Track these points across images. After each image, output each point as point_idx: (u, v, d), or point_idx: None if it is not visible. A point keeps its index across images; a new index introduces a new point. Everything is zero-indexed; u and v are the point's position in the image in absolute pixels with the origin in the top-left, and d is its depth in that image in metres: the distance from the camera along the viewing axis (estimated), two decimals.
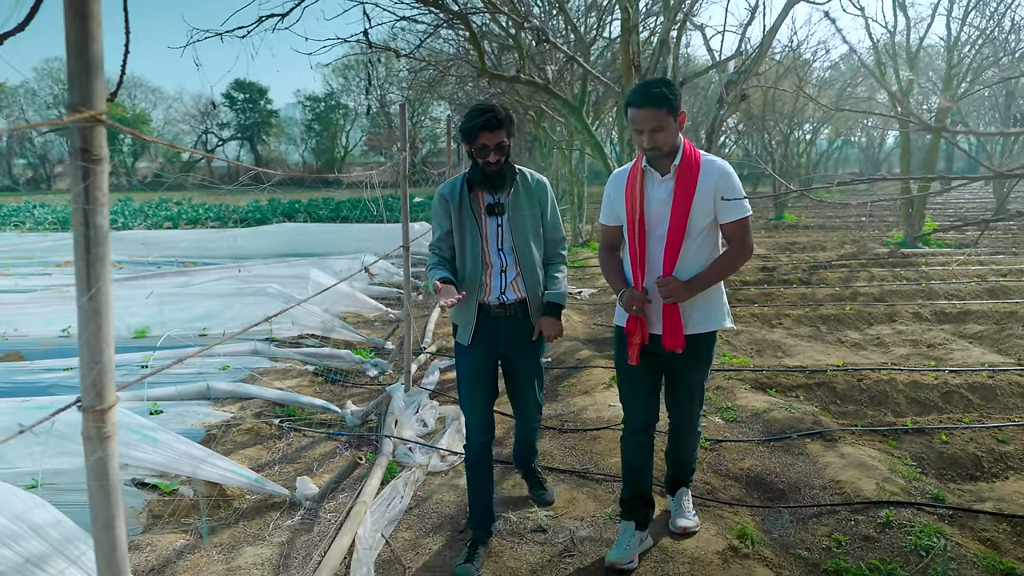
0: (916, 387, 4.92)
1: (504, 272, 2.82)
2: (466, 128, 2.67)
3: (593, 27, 11.35)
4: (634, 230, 2.68)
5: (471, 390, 2.88)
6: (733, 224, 2.65)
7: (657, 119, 2.50)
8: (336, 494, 3.48)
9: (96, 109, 1.39)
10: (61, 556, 2.38)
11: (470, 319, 2.81)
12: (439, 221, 2.83)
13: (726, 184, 2.60)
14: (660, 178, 2.65)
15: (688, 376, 2.84)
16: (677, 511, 3.08)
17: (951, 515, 3.15)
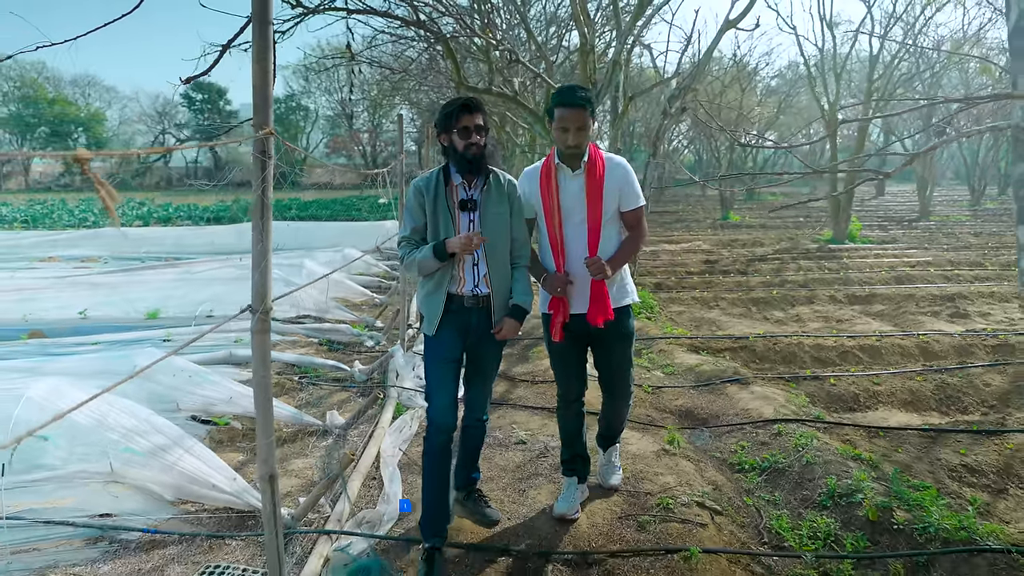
0: (819, 349, 6.05)
1: (476, 266, 2.84)
2: (447, 112, 2.73)
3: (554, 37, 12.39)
4: (553, 219, 2.96)
5: (439, 376, 2.85)
6: (632, 212, 3.03)
7: (582, 119, 2.84)
8: (357, 425, 4.39)
9: (270, 128, 2.31)
10: (177, 447, 3.25)
11: (438, 309, 2.82)
12: (413, 215, 2.82)
13: (628, 178, 3.00)
14: (571, 173, 2.96)
15: (616, 346, 3.10)
16: (607, 467, 3.47)
17: (824, 427, 4.23)
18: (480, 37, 6.21)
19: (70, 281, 8.75)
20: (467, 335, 2.87)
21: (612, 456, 3.49)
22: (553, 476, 3.62)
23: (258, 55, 2.21)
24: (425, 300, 2.86)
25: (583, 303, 2.97)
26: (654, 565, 2.79)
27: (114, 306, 7.55)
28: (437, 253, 2.72)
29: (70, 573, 2.79)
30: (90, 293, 8.07)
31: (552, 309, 3.02)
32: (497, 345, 2.97)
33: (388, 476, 3.59)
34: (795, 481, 3.57)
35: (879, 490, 3.30)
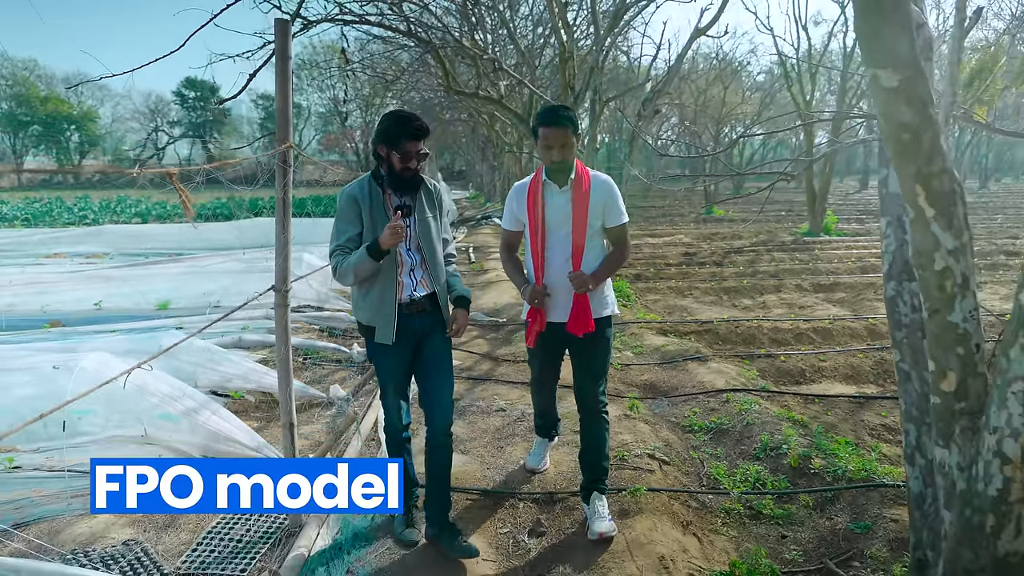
0: (777, 331, 6.64)
1: (413, 271, 2.90)
2: (392, 134, 2.73)
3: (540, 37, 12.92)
4: (536, 233, 3.07)
5: (396, 384, 2.97)
6: (618, 228, 3.13)
7: (564, 137, 2.94)
8: (357, 397, 4.95)
9: (289, 141, 2.86)
10: (206, 409, 3.81)
11: (391, 318, 2.82)
12: (349, 223, 2.81)
13: (612, 195, 3.09)
14: (558, 189, 3.06)
15: (591, 355, 3.15)
16: (594, 516, 3.10)
17: (767, 396, 4.82)
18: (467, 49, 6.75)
19: (83, 275, 9.28)
20: (414, 339, 2.92)
21: (598, 505, 3.14)
22: (528, 436, 4.19)
23: (280, 84, 2.77)
24: (375, 311, 2.84)
25: (563, 313, 3.06)
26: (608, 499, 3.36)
27: (126, 298, 8.08)
28: (371, 252, 2.68)
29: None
30: (102, 286, 8.60)
31: (530, 318, 3.14)
32: (446, 343, 3.01)
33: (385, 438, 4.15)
34: (736, 439, 4.16)
35: (803, 443, 3.88)
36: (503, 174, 21.07)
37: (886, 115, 1.93)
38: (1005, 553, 2.03)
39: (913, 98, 1.87)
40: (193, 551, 2.98)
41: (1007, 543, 2.02)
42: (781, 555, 2.98)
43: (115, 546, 3.00)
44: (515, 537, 3.15)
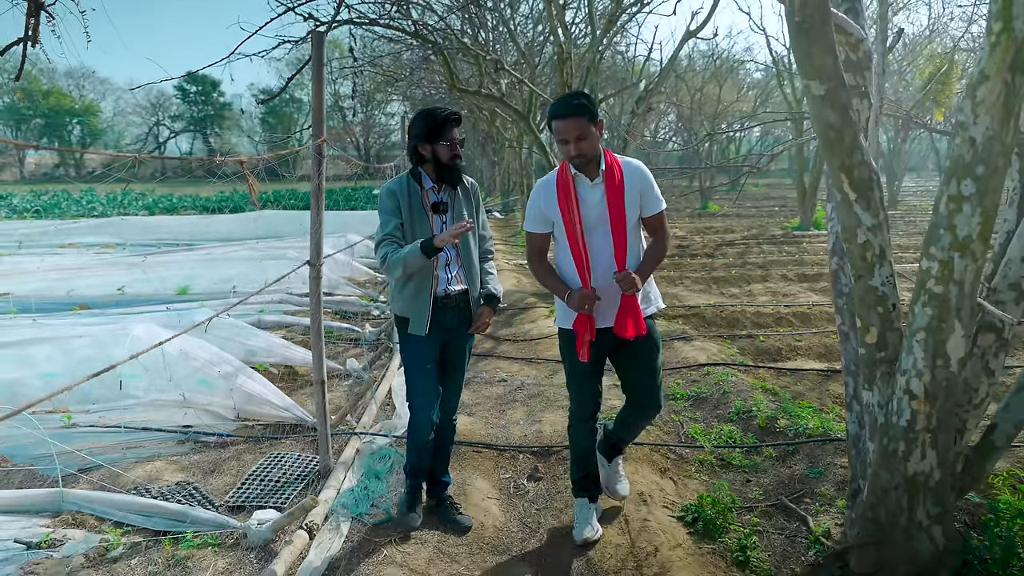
0: (759, 315, 7.12)
1: (448, 266, 2.95)
2: (435, 124, 2.80)
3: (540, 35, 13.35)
4: (575, 233, 2.81)
5: (425, 377, 3.00)
6: (656, 216, 2.89)
7: (580, 128, 2.69)
8: (371, 371, 5.42)
9: (323, 136, 3.31)
10: (241, 374, 4.28)
11: (425, 311, 2.89)
12: (392, 214, 2.87)
13: (647, 181, 2.86)
14: (590, 183, 2.81)
15: (646, 356, 2.96)
16: (613, 476, 3.29)
17: (744, 370, 5.29)
18: (470, 49, 7.20)
19: (103, 263, 9.74)
20: (444, 333, 2.97)
21: (618, 467, 3.33)
22: (527, 402, 4.66)
23: (316, 88, 3.24)
24: (410, 302, 2.92)
25: (609, 317, 2.83)
26: None
27: (147, 283, 8.54)
28: (425, 250, 2.72)
29: (171, 459, 3.81)
30: (123, 272, 9.06)
31: (578, 328, 2.85)
32: (469, 340, 3.11)
33: (399, 402, 4.62)
34: (713, 405, 4.63)
35: (772, 408, 4.36)
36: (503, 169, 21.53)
37: (816, 117, 2.40)
38: (913, 473, 2.51)
39: (837, 104, 2.33)
40: (238, 489, 3.45)
41: (915, 464, 2.50)
42: (745, 494, 3.46)
43: (170, 486, 3.47)
44: (516, 481, 3.63)
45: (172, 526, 3.05)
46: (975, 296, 2.34)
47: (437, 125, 2.81)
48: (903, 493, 2.55)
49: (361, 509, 3.23)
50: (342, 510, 3.20)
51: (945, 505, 2.55)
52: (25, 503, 3.18)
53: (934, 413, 2.43)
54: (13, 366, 4.28)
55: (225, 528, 3.02)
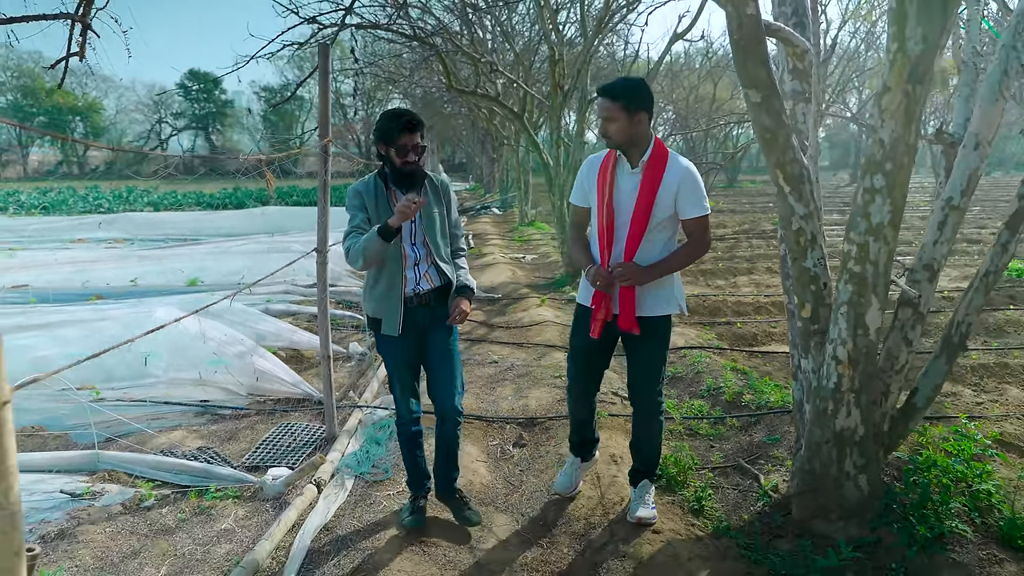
0: (739, 304, 7.51)
1: (417, 265, 2.90)
2: (387, 129, 2.76)
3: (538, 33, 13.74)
4: (603, 214, 2.85)
5: (401, 376, 3.01)
6: (693, 221, 2.84)
7: (610, 111, 2.74)
8: (373, 351, 5.81)
9: (328, 137, 3.70)
10: (253, 353, 4.68)
11: (396, 311, 2.86)
12: (358, 209, 2.84)
13: (689, 183, 2.80)
14: (630, 169, 2.82)
15: (644, 355, 2.97)
16: (637, 501, 3.08)
17: (719, 352, 5.68)
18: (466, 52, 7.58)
19: (115, 256, 10.15)
20: (418, 332, 2.95)
21: (644, 493, 3.12)
22: (516, 381, 5.06)
23: (322, 96, 3.63)
24: (381, 302, 2.89)
25: (618, 304, 2.85)
26: None
27: (159, 275, 8.95)
28: (382, 233, 2.65)
29: (191, 428, 4.22)
30: (135, 265, 9.46)
31: (594, 304, 2.89)
32: (448, 332, 3.02)
33: None
34: (687, 383, 5.03)
35: (739, 385, 4.76)
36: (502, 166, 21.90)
37: (755, 121, 2.79)
38: (840, 429, 2.91)
39: (771, 109, 2.72)
40: (252, 453, 3.85)
41: (841, 421, 2.90)
42: (707, 458, 3.85)
43: (191, 450, 3.87)
44: (503, 447, 4.02)
45: (196, 482, 3.45)
46: (888, 274, 2.74)
47: (390, 128, 2.76)
48: (833, 447, 2.94)
49: (363, 469, 3.63)
50: (346, 470, 3.60)
51: (869, 457, 2.94)
52: (64, 463, 3.58)
53: (856, 376, 2.82)
54: (44, 346, 4.68)
55: (243, 483, 3.43)
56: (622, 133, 2.78)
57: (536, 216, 17.48)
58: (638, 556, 2.81)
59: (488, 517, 3.20)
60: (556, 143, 8.92)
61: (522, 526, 3.16)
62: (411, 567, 2.78)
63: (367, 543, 2.96)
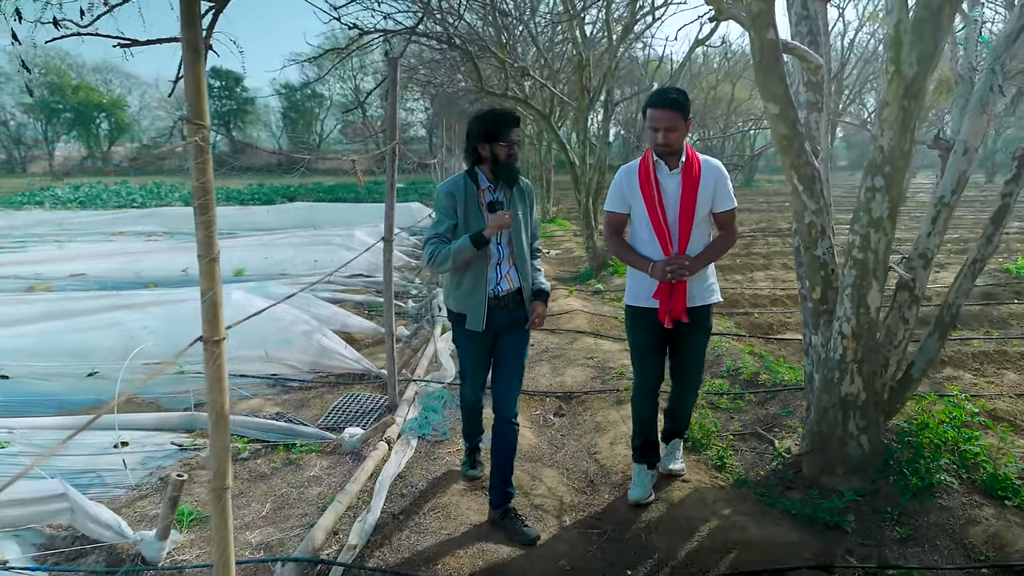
0: (756, 297, 7.96)
1: (499, 265, 3.02)
2: (495, 127, 2.89)
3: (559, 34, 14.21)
4: (656, 212, 3.04)
5: (475, 368, 3.21)
6: (726, 213, 3.14)
7: (672, 120, 2.94)
8: (416, 336, 6.33)
9: (396, 140, 4.20)
10: (318, 332, 5.21)
11: (481, 307, 2.99)
12: (447, 215, 2.96)
13: (722, 179, 3.11)
14: (668, 171, 3.05)
15: (693, 342, 3.26)
16: (669, 457, 3.56)
17: (736, 338, 6.14)
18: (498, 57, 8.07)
19: (163, 247, 10.75)
20: (495, 330, 3.07)
21: (675, 449, 3.59)
22: (552, 361, 5.55)
23: (390, 103, 4.13)
24: (466, 300, 3.02)
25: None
26: (606, 396, 4.72)
27: None
28: (475, 241, 2.83)
29: (266, 398, 4.75)
30: (183, 255, 10.02)
31: (658, 297, 3.08)
32: (523, 337, 3.15)
33: (445, 359, 5.53)
34: (709, 364, 5.48)
35: (757, 366, 5.22)
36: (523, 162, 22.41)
37: (773, 129, 3.26)
38: (845, 395, 3.37)
39: (787, 120, 3.19)
40: (326, 417, 4.38)
41: (846, 388, 3.36)
42: (727, 427, 4.32)
43: (270, 415, 4.39)
44: (544, 416, 4.52)
45: (282, 439, 3.98)
46: (887, 261, 3.20)
47: (497, 126, 2.90)
48: (838, 411, 3.41)
49: (424, 431, 4.14)
50: (410, 432, 4.12)
51: (870, 420, 3.41)
52: (167, 423, 4.12)
53: (859, 349, 3.29)
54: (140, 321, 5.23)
55: (324, 440, 3.95)
56: (680, 140, 3.01)
57: (557, 213, 17.95)
58: (670, 499, 3.30)
59: (537, 471, 3.70)
60: (583, 143, 9.39)
61: (567, 478, 3.66)
62: (476, 506, 3.29)
63: (435, 488, 3.48)
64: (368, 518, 3.13)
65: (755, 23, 3.08)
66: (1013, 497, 3.16)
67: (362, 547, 2.94)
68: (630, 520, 3.18)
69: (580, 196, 9.62)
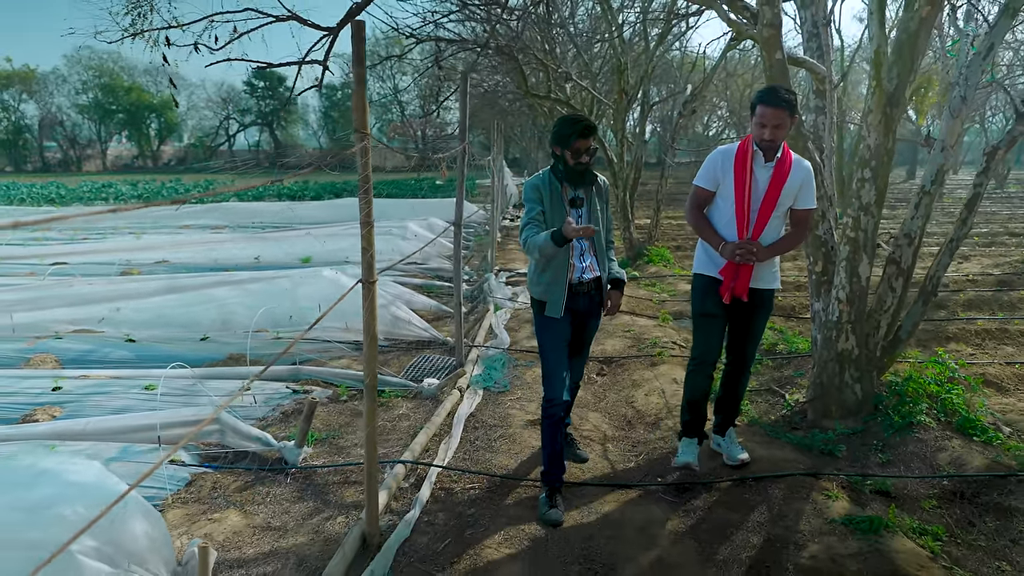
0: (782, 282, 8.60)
1: (583, 255, 3.19)
2: (563, 135, 3.04)
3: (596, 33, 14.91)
4: (743, 196, 3.20)
5: (558, 354, 3.21)
6: (804, 211, 3.29)
7: (781, 118, 3.07)
8: (473, 313, 7.15)
9: (465, 142, 5.02)
10: (392, 305, 6.06)
11: (561, 295, 3.13)
12: (535, 202, 3.12)
13: (808, 180, 3.27)
14: (763, 162, 3.19)
15: (755, 322, 3.46)
16: (730, 447, 3.68)
17: None
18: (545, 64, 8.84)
19: (234, 238, 11.77)
20: (576, 316, 3.24)
21: (732, 436, 3.73)
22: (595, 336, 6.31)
23: (461, 110, 4.93)
24: (548, 288, 3.16)
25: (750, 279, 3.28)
26: (643, 361, 5.47)
27: (275, 254, 10.48)
28: (556, 239, 2.94)
29: (352, 358, 5.60)
30: (251, 245, 11.03)
31: (723, 274, 3.28)
32: (598, 321, 3.43)
33: (499, 331, 6.35)
34: None
35: (775, 338, 5.91)
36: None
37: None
38: (841, 350, 4.08)
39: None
40: (405, 372, 5.21)
41: (842, 344, 4.07)
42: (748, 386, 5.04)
43: (358, 370, 5.24)
44: (588, 375, 5.29)
45: None
46: (875, 238, 3.91)
47: (567, 133, 3.05)
48: (836, 364, 4.12)
49: (488, 384, 4.95)
50: (476, 384, 4.93)
51: (863, 372, 4.11)
52: (277, 375, 5.00)
53: (852, 311, 4.00)
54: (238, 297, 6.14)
55: (407, 388, 4.79)
56: (784, 136, 3.16)
57: None
58: None
59: (584, 414, 4.47)
60: (620, 142, 10.12)
61: (609, 419, 4.43)
62: (537, 436, 4.08)
63: (501, 423, 4.29)
64: (451, 442, 3.95)
65: (766, 45, 3.82)
66: (980, 434, 3.83)
67: (448, 459, 3.76)
68: (660, 447, 3.94)
69: (618, 191, 10.33)
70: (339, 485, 3.56)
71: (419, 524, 3.13)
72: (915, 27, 3.55)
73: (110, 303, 6.71)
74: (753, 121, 3.16)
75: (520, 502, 3.36)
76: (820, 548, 2.85)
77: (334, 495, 3.46)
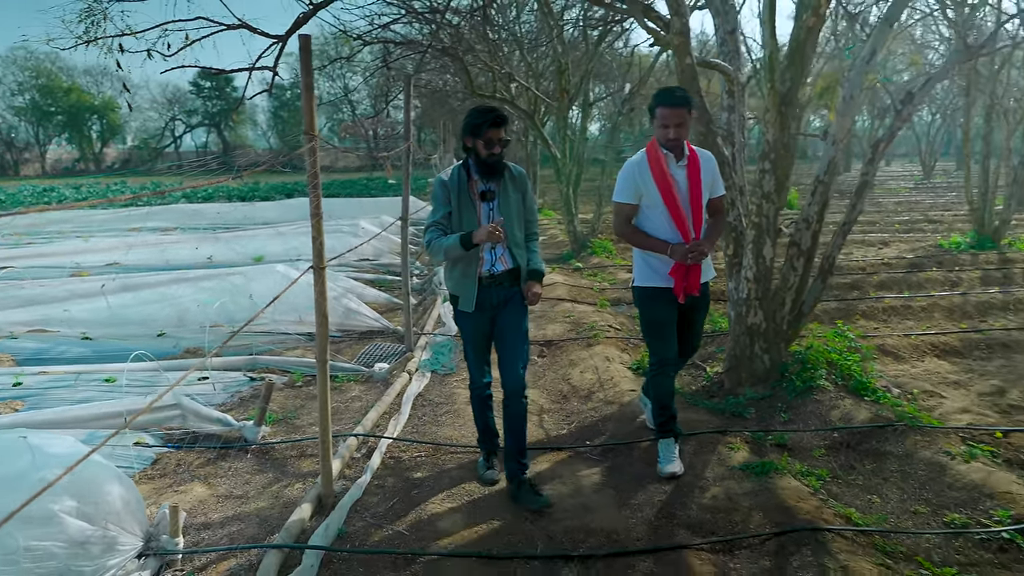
0: None
1: (494, 247, 3.16)
2: (475, 124, 3.02)
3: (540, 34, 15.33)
4: (674, 199, 3.28)
5: (475, 347, 3.34)
6: (719, 198, 3.50)
7: (681, 116, 3.19)
8: (422, 304, 7.48)
9: (409, 142, 5.36)
10: (344, 297, 6.35)
11: (472, 289, 3.16)
12: (441, 203, 3.13)
13: (716, 168, 3.47)
14: (676, 163, 3.30)
15: (699, 315, 3.67)
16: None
17: None
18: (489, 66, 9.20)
19: (185, 238, 11.84)
20: (492, 309, 3.22)
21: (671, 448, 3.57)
22: (536, 320, 6.72)
23: (406, 114, 5.26)
24: (459, 282, 3.21)
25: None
26: (580, 343, 5.89)
27: (227, 254, 10.61)
28: (464, 244, 3.00)
29: (307, 347, 5.88)
30: (208, 245, 11.13)
31: (674, 275, 3.34)
32: (521, 313, 3.27)
33: (447, 319, 6.69)
34: None
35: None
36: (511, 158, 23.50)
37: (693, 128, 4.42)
38: (751, 324, 4.55)
39: (703, 120, 4.35)
40: (358, 359, 5.53)
41: (750, 319, 4.54)
42: None
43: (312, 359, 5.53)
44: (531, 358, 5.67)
45: None
46: (776, 223, 4.38)
47: (479, 123, 3.04)
48: (747, 337, 4.59)
49: (435, 367, 5.31)
50: (424, 367, 5.28)
51: (771, 343, 4.59)
52: (234, 364, 5.26)
53: (759, 289, 4.47)
54: (193, 294, 6.35)
55: (359, 372, 5.11)
56: (687, 134, 3.30)
57: (543, 204, 19.10)
58: (619, 400, 4.49)
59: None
60: (563, 139, 10.55)
61: (546, 394, 4.83)
62: None
63: (447, 402, 4.65)
64: (400, 418, 4.30)
65: (677, 51, 4.26)
66: (871, 395, 4.34)
67: (398, 433, 4.10)
68: (590, 416, 4.36)
69: (562, 186, 10.77)
70: (296, 459, 3.87)
71: (370, 487, 3.47)
72: (803, 36, 4.03)
73: (63, 303, 6.84)
74: (655, 124, 3.26)
75: (462, 466, 3.72)
76: (720, 490, 3.29)
77: (292, 467, 3.77)
